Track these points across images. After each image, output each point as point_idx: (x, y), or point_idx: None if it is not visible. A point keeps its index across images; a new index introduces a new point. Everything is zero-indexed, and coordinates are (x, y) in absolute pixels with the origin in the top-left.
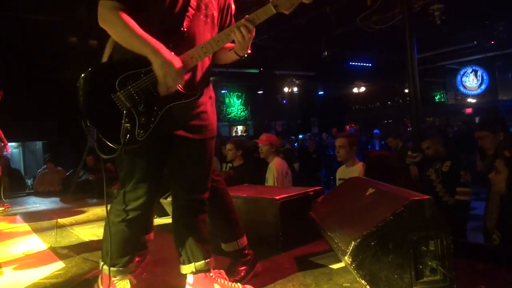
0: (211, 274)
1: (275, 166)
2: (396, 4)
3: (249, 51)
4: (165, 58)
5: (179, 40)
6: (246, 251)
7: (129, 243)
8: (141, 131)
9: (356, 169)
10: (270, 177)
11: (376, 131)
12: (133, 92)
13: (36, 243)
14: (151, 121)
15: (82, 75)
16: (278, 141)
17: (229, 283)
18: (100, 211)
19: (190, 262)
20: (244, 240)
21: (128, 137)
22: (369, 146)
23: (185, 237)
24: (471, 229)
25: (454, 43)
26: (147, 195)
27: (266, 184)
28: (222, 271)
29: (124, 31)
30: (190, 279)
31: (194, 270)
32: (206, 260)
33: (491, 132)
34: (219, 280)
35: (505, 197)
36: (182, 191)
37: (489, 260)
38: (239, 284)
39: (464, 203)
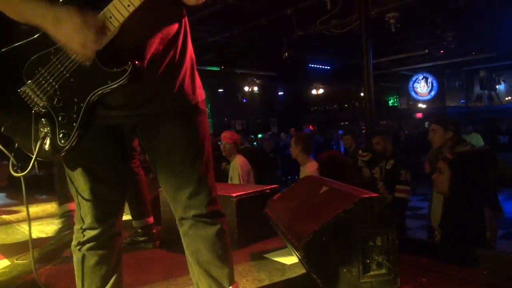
0: None
1: (239, 164)
2: (355, 10)
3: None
4: (72, 23)
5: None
6: (153, 230)
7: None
8: (63, 135)
9: (306, 168)
10: (235, 176)
11: (340, 131)
12: (43, 82)
13: None
14: (73, 119)
15: None
16: (239, 139)
17: None
18: (49, 207)
19: None
20: (151, 219)
21: (48, 144)
22: (335, 146)
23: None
24: (419, 228)
25: (408, 50)
26: (99, 210)
27: (229, 181)
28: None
29: None
30: None
31: None
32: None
33: (442, 127)
34: None
35: (447, 197)
36: (175, 207)
37: (431, 256)
38: None
39: (402, 200)
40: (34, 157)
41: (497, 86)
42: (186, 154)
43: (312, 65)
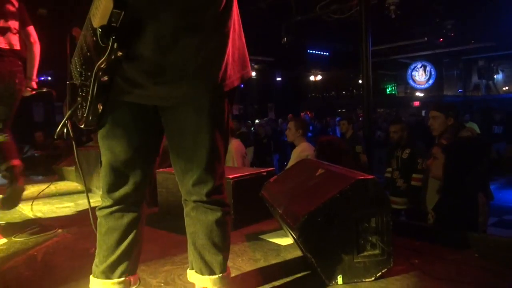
0: None
1: (234, 148)
2: None
3: None
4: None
5: None
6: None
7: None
8: (81, 107)
9: (298, 147)
10: (229, 159)
11: (338, 118)
12: (76, 57)
13: None
14: (88, 92)
15: None
16: (234, 124)
17: None
18: (45, 188)
19: (203, 274)
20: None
21: (77, 116)
22: (331, 133)
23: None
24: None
25: (407, 38)
26: (111, 183)
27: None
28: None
29: None
30: None
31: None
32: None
33: (443, 114)
34: None
35: (441, 182)
36: (181, 189)
37: (424, 238)
38: None
39: (417, 188)
40: (63, 121)
41: (495, 76)
42: (196, 142)
43: (311, 51)
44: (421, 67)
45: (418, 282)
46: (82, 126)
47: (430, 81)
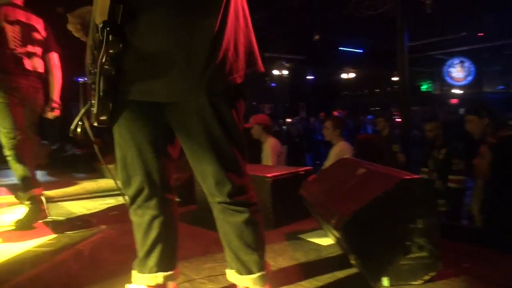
0: None
1: (269, 147)
2: None
3: None
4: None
5: None
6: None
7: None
8: (91, 105)
9: (336, 147)
10: (265, 158)
11: (369, 116)
12: (87, 58)
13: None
14: (96, 90)
15: None
16: (266, 117)
17: None
18: (88, 185)
19: (242, 274)
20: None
21: (91, 114)
22: (362, 131)
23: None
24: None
25: (443, 33)
26: (130, 180)
27: (262, 162)
28: None
29: None
30: None
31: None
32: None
33: (477, 116)
34: None
35: (489, 181)
36: (204, 191)
37: (474, 242)
38: None
39: (456, 190)
40: (76, 120)
41: None
42: (202, 143)
43: (343, 48)
44: (458, 63)
45: (468, 286)
46: (96, 124)
47: (469, 78)
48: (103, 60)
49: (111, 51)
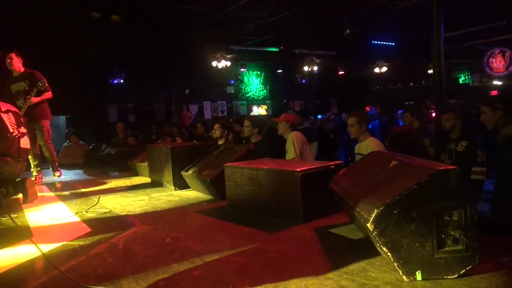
0: None
1: (293, 136)
2: None
3: None
4: None
5: None
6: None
7: None
8: None
9: (368, 143)
10: (290, 147)
11: (400, 111)
12: None
13: (63, 210)
14: None
15: None
16: (296, 118)
17: None
18: (122, 182)
19: None
20: None
21: None
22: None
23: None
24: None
25: (482, 22)
26: None
27: (286, 155)
28: None
29: None
30: None
31: None
32: None
33: (490, 108)
34: None
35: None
36: None
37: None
38: None
39: (478, 182)
40: None
41: None
42: None
43: (375, 42)
44: (499, 53)
45: (508, 281)
46: None
47: (510, 68)
48: None
49: None
